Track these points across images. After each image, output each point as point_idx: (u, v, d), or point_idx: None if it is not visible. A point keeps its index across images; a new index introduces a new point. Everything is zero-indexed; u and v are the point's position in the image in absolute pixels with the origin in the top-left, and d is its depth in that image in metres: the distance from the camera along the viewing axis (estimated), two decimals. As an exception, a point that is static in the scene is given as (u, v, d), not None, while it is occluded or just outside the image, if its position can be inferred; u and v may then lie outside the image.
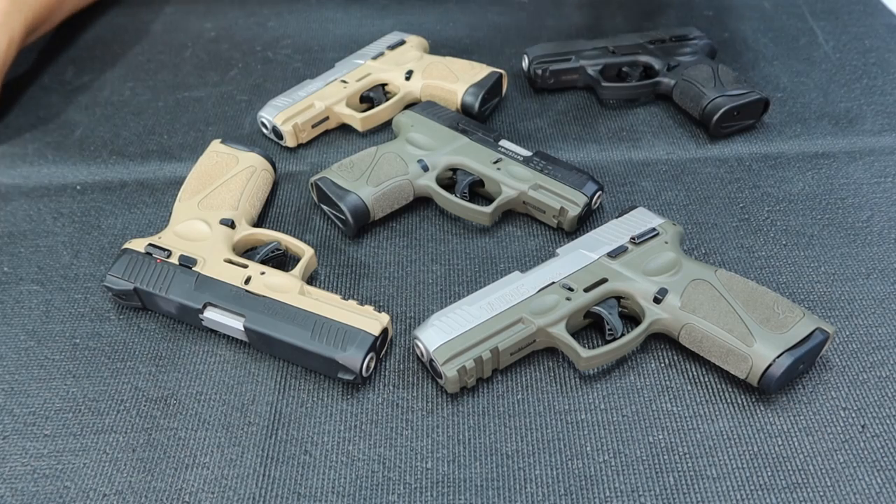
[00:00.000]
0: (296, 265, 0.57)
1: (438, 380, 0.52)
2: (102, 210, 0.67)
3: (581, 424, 0.51)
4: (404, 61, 0.76)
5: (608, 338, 0.53)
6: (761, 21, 0.89)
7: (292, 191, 0.68)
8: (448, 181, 0.66)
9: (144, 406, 0.52)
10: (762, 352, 0.49)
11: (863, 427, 0.50)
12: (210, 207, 0.60)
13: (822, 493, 0.47)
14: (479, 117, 0.72)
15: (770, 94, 0.78)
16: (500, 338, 0.51)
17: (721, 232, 0.64)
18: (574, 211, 0.61)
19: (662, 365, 0.54)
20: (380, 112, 0.73)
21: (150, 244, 0.57)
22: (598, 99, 0.77)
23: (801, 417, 0.51)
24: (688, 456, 0.49)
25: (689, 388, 0.52)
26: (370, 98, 0.75)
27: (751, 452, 0.49)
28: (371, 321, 0.52)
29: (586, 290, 0.54)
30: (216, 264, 0.56)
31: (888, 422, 0.50)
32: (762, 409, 0.51)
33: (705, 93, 0.71)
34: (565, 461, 0.49)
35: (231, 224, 0.59)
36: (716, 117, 0.70)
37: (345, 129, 0.75)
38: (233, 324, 0.53)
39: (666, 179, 0.69)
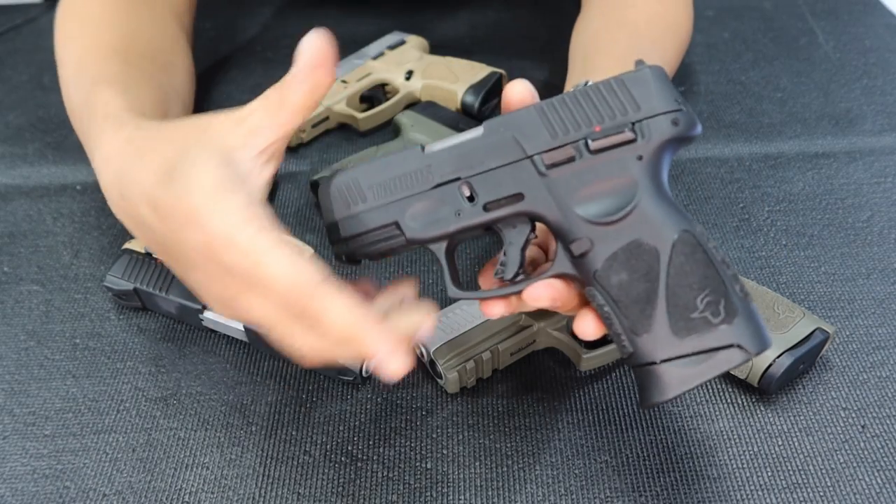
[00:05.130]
0: (296, 265, 0.57)
1: (438, 380, 0.52)
2: (102, 210, 0.67)
3: (581, 424, 0.51)
4: (404, 61, 0.76)
5: (608, 338, 0.53)
6: (761, 21, 0.89)
7: (292, 191, 0.68)
8: (448, 181, 0.66)
9: (144, 406, 0.52)
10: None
11: (863, 427, 0.50)
12: (210, 207, 0.60)
13: (822, 493, 0.47)
14: (479, 117, 0.72)
15: (770, 93, 0.78)
16: (501, 338, 0.51)
17: (721, 232, 0.64)
18: (574, 211, 0.61)
19: (662, 365, 0.54)
20: (380, 112, 0.73)
21: (150, 244, 0.57)
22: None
23: (801, 417, 0.51)
24: (688, 456, 0.49)
25: (689, 388, 0.52)
26: (370, 98, 0.75)
27: (751, 452, 0.49)
28: (371, 321, 0.52)
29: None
30: (216, 264, 0.56)
31: (888, 422, 0.50)
32: (762, 409, 0.51)
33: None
34: (565, 461, 0.49)
35: (231, 224, 0.59)
36: None
37: (345, 129, 0.75)
38: (233, 324, 0.53)
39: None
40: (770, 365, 0.49)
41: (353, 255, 0.42)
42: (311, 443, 0.50)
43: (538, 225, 0.41)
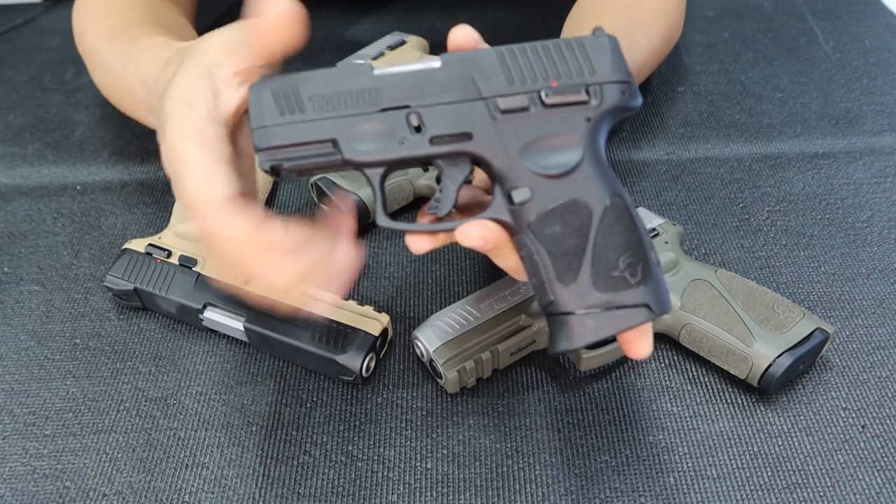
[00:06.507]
0: (296, 265, 0.57)
1: (438, 380, 0.52)
2: (102, 210, 0.67)
3: (581, 424, 0.51)
4: (404, 62, 0.76)
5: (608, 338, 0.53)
6: (761, 21, 0.89)
7: (292, 191, 0.68)
8: (448, 181, 0.66)
9: (144, 406, 0.52)
10: (762, 352, 0.49)
11: (863, 427, 0.50)
12: (210, 207, 0.60)
13: (822, 493, 0.47)
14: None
15: (770, 93, 0.78)
16: (500, 338, 0.51)
17: (721, 232, 0.64)
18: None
19: (662, 365, 0.54)
20: (380, 112, 0.73)
21: (151, 244, 0.57)
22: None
23: (801, 417, 0.51)
24: (688, 456, 0.49)
25: (689, 388, 0.52)
26: (370, 98, 0.75)
27: (751, 452, 0.49)
28: (371, 321, 0.52)
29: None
30: (216, 264, 0.56)
31: (888, 422, 0.50)
32: (762, 409, 0.51)
33: None
34: (565, 461, 0.49)
35: (231, 224, 0.59)
36: None
37: (345, 129, 0.75)
38: (233, 324, 0.53)
39: (666, 179, 0.69)
40: (770, 365, 0.49)
41: (278, 166, 0.40)
42: (311, 443, 0.50)
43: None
